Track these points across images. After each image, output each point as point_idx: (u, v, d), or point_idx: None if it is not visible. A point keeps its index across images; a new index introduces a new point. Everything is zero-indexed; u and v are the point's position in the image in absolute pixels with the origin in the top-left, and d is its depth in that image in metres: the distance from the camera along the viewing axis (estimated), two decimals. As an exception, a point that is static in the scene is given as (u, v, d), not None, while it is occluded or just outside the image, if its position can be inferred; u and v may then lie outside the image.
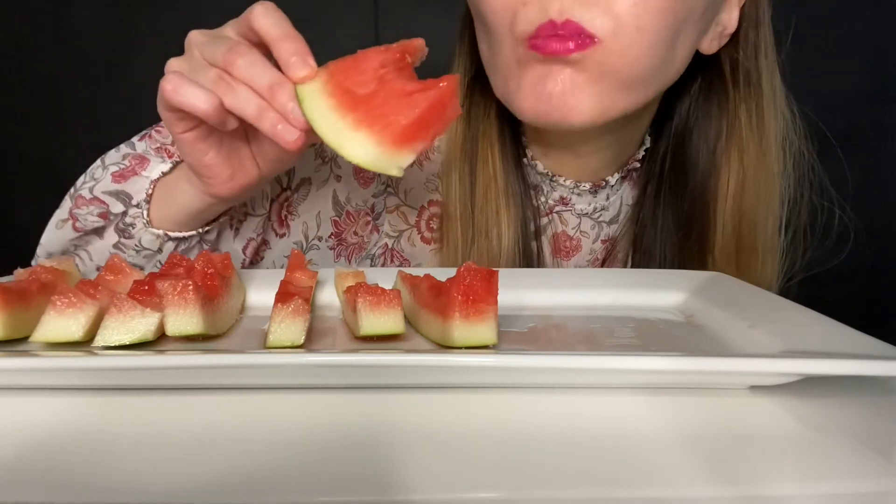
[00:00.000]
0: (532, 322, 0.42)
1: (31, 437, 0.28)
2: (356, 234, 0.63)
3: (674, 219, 0.62)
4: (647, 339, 0.40)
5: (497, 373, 0.32)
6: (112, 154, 0.54)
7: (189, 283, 0.35)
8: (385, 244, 0.64)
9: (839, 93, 1.32)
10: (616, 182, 0.64)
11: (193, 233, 0.52)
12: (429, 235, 0.65)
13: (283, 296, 0.37)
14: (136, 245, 0.51)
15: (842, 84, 1.33)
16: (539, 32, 0.49)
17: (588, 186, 0.63)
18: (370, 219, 0.63)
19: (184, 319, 0.35)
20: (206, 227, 0.53)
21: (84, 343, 0.35)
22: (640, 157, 0.64)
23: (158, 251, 0.52)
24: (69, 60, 1.31)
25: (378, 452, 0.27)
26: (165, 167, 0.52)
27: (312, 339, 0.38)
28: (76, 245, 0.53)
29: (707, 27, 0.55)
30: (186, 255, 0.51)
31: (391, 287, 0.41)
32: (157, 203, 0.51)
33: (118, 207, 0.51)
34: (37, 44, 1.31)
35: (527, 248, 0.61)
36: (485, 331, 0.35)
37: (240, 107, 0.42)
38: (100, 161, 0.54)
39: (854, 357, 0.31)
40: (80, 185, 0.53)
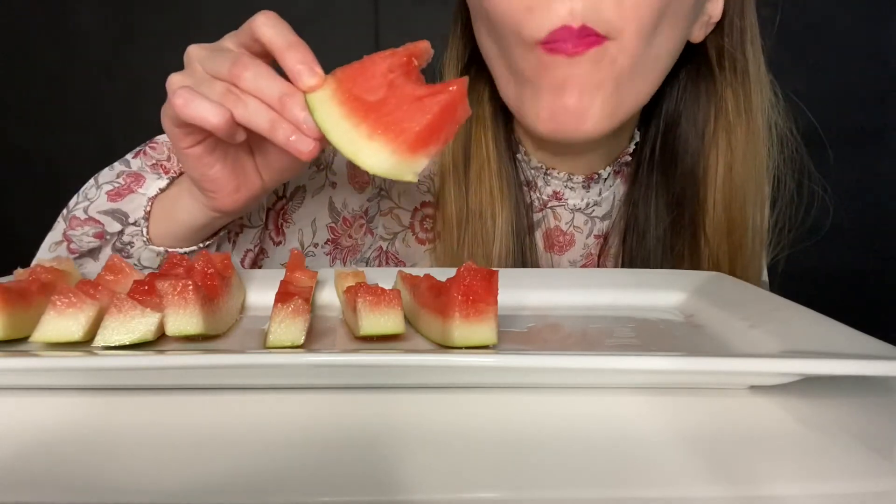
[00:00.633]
0: (532, 322, 0.42)
1: (31, 437, 0.28)
2: (350, 238, 0.63)
3: (665, 201, 0.63)
4: (647, 339, 0.40)
5: (497, 373, 0.32)
6: (106, 172, 0.53)
7: (189, 283, 0.35)
8: (380, 247, 0.65)
9: (839, 92, 1.32)
10: (608, 175, 0.65)
11: (194, 248, 0.52)
12: (423, 236, 0.65)
13: (283, 296, 0.37)
14: (136, 264, 0.51)
15: (841, 84, 1.33)
16: (553, 37, 0.49)
17: (581, 180, 0.64)
18: (364, 222, 0.64)
19: (184, 319, 0.35)
20: (207, 242, 0.53)
21: (84, 343, 0.35)
22: (631, 151, 0.65)
23: (159, 268, 0.51)
24: (69, 60, 1.31)
25: (378, 452, 0.27)
26: (162, 183, 0.51)
27: (312, 339, 0.38)
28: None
29: (697, 17, 0.56)
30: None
31: (391, 287, 0.41)
32: (156, 220, 0.51)
33: (114, 227, 0.51)
34: (37, 44, 1.31)
35: (521, 232, 0.62)
36: (485, 331, 0.35)
37: (251, 119, 0.41)
38: (93, 180, 0.53)
39: (854, 357, 0.31)
40: (74, 206, 0.52)
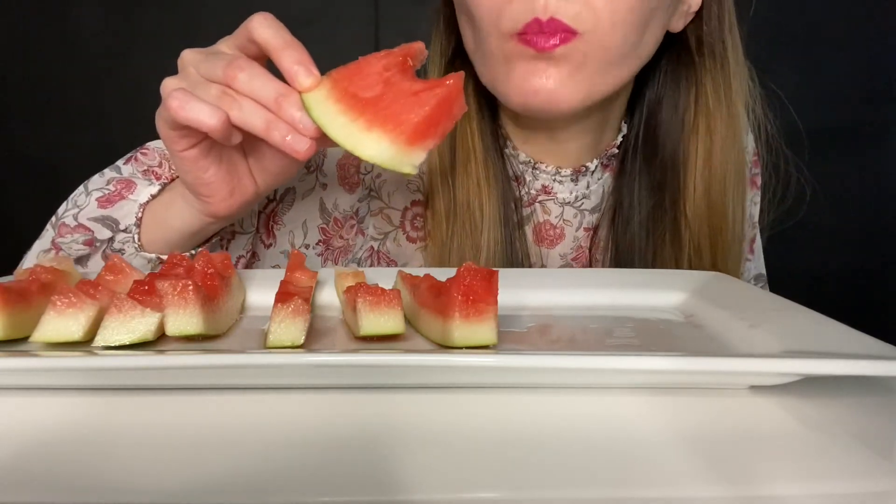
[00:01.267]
0: (532, 322, 0.42)
1: (31, 437, 0.28)
2: (342, 238, 0.63)
3: (648, 186, 0.64)
4: (647, 339, 0.40)
5: (497, 373, 0.32)
6: (96, 179, 0.53)
7: (189, 283, 0.35)
8: (371, 247, 0.65)
9: (839, 93, 1.32)
10: (596, 168, 0.65)
11: (186, 254, 0.51)
12: (414, 235, 0.65)
13: (283, 296, 0.37)
14: None
15: (842, 84, 1.33)
16: (525, 30, 0.51)
17: (569, 172, 0.64)
18: (355, 222, 0.64)
19: (184, 319, 0.35)
20: (199, 248, 0.52)
21: (84, 343, 0.35)
22: (618, 143, 0.66)
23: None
24: (70, 60, 1.31)
25: (378, 452, 0.27)
26: (154, 190, 0.51)
27: (312, 339, 0.38)
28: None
29: (675, 8, 0.57)
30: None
31: (391, 287, 0.41)
32: (148, 226, 0.51)
33: (104, 234, 0.51)
34: (37, 44, 1.31)
35: (509, 222, 0.62)
36: (485, 331, 0.35)
37: (247, 120, 0.41)
38: (82, 187, 0.53)
39: (854, 357, 0.31)
40: (63, 213, 0.52)
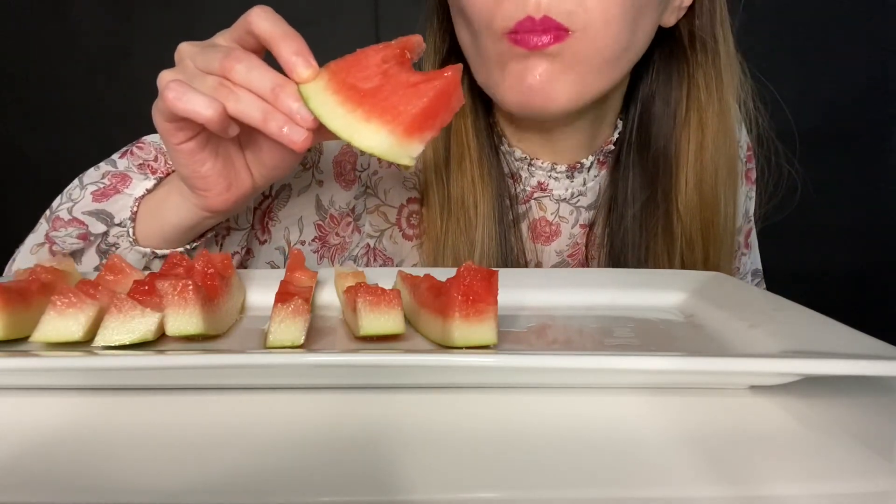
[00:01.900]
0: (532, 322, 0.42)
1: (31, 437, 0.28)
2: (338, 236, 0.63)
3: (641, 181, 0.64)
4: (647, 339, 0.40)
5: (497, 373, 0.32)
6: (91, 173, 0.53)
7: (189, 283, 0.35)
8: (367, 244, 0.65)
9: (839, 93, 1.32)
10: (592, 165, 0.66)
11: (181, 249, 0.51)
12: (409, 232, 0.65)
13: (283, 296, 0.37)
14: None
15: (842, 84, 1.33)
16: (518, 28, 0.51)
17: (564, 169, 0.65)
18: (351, 220, 0.64)
19: (184, 319, 0.35)
20: (194, 244, 0.52)
21: (84, 343, 0.35)
22: (614, 140, 0.66)
23: (145, 269, 0.51)
24: (69, 60, 1.31)
25: (378, 452, 0.27)
26: (149, 184, 0.51)
27: (312, 339, 0.38)
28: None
29: (667, 3, 0.58)
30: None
31: (391, 287, 0.41)
32: (143, 221, 0.50)
33: (99, 228, 0.50)
34: (37, 44, 1.31)
35: (504, 219, 0.63)
36: (485, 331, 0.35)
37: (244, 112, 0.41)
38: (77, 181, 0.53)
39: (854, 357, 0.31)
40: (57, 207, 0.52)
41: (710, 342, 0.39)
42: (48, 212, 0.52)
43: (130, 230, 0.50)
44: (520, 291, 0.46)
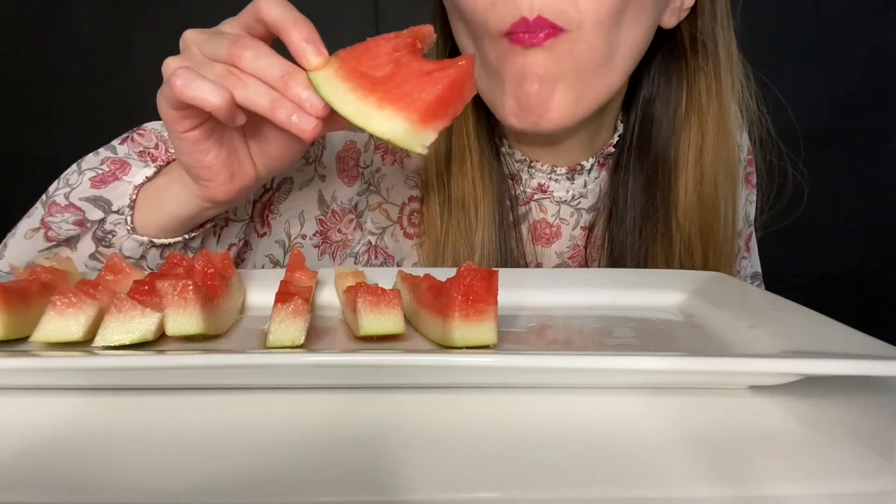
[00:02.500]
0: (532, 322, 0.42)
1: (31, 437, 0.28)
2: (340, 232, 0.63)
3: (641, 185, 0.64)
4: (647, 339, 0.40)
5: (497, 373, 0.32)
6: (90, 158, 0.52)
7: (189, 283, 0.35)
8: (368, 241, 0.65)
9: (839, 93, 1.32)
10: (592, 167, 0.65)
11: (179, 239, 0.51)
12: (411, 231, 0.65)
13: (283, 296, 0.37)
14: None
15: (842, 84, 1.33)
16: (513, 29, 0.51)
17: (564, 171, 0.64)
18: (353, 216, 0.64)
19: (184, 319, 0.35)
20: (192, 234, 0.52)
21: (84, 343, 0.35)
22: (614, 143, 0.66)
23: (141, 258, 0.50)
24: (69, 60, 1.31)
25: (378, 452, 0.27)
26: (149, 172, 0.50)
27: (312, 339, 0.38)
28: (45, 257, 0.50)
29: (666, 4, 0.57)
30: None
31: (391, 287, 0.41)
32: (142, 209, 0.50)
33: (96, 214, 0.50)
34: (37, 44, 1.31)
35: (504, 222, 0.62)
36: (485, 331, 0.35)
37: (252, 100, 0.41)
38: (75, 166, 0.52)
39: (854, 357, 0.31)
40: (54, 192, 0.51)
41: (710, 342, 0.39)
42: (44, 196, 0.51)
43: (129, 218, 0.49)
44: (520, 291, 0.46)
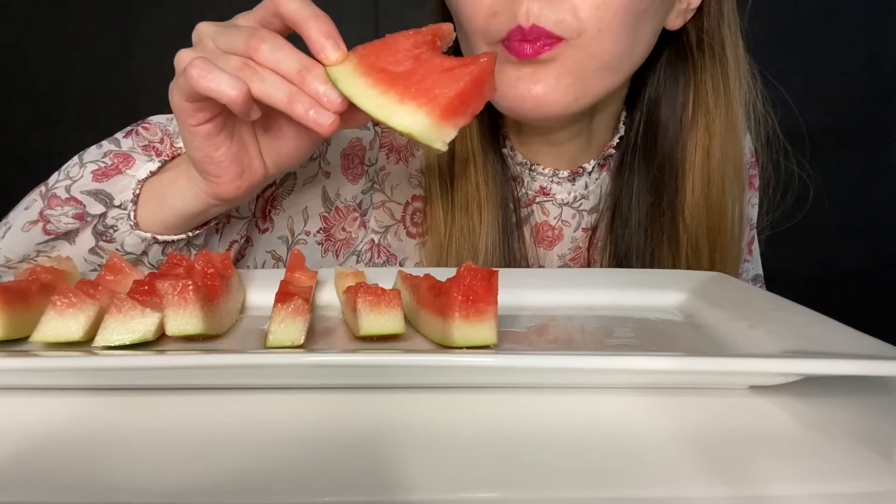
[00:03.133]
0: (532, 322, 0.42)
1: (31, 437, 0.28)
2: (344, 231, 0.63)
3: (646, 185, 0.64)
4: (647, 339, 0.40)
5: (497, 373, 0.32)
6: (93, 151, 0.51)
7: (189, 283, 0.35)
8: (371, 240, 0.64)
9: (839, 93, 1.32)
10: (593, 168, 0.65)
11: (182, 236, 0.50)
12: (413, 230, 0.65)
13: (283, 296, 0.37)
14: (118, 249, 0.49)
15: (842, 84, 1.33)
16: (510, 37, 0.51)
17: (566, 174, 0.64)
18: (358, 215, 0.63)
19: (184, 319, 0.35)
20: (196, 231, 0.51)
21: (84, 343, 0.35)
22: (616, 144, 0.65)
23: (143, 254, 0.50)
24: (69, 60, 1.31)
25: (378, 452, 0.27)
26: (153, 167, 0.49)
27: (312, 339, 0.38)
28: (40, 251, 0.50)
29: (671, 6, 0.57)
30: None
31: (391, 287, 0.41)
32: (145, 204, 0.49)
33: (97, 208, 0.49)
34: (37, 44, 1.31)
35: (507, 226, 0.62)
36: (485, 331, 0.35)
37: (269, 93, 0.40)
38: (77, 158, 0.51)
39: (854, 357, 0.31)
40: (54, 184, 0.50)
41: (710, 342, 0.39)
42: (43, 188, 0.50)
43: (132, 213, 0.48)
44: (520, 291, 0.46)
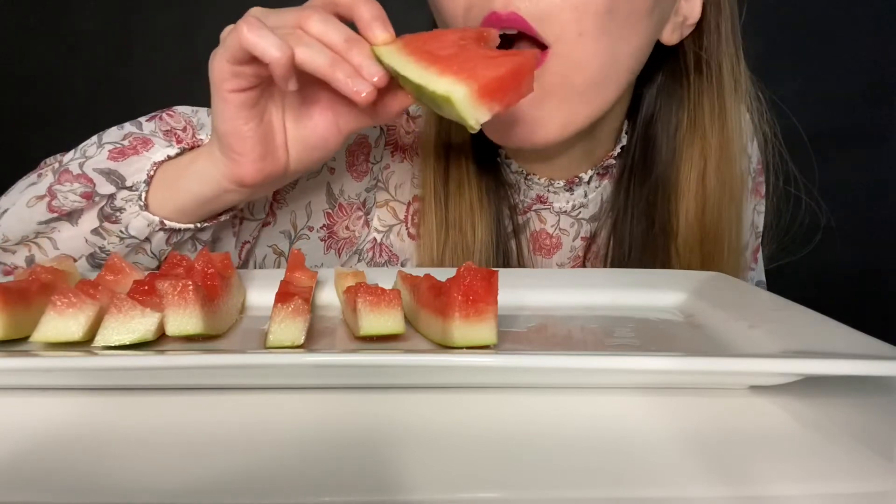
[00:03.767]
0: (532, 322, 0.42)
1: (31, 437, 0.28)
2: (348, 229, 0.63)
3: (641, 208, 0.63)
4: (647, 339, 0.40)
5: (497, 373, 0.32)
6: (113, 131, 0.51)
7: (189, 283, 0.35)
8: (373, 239, 0.64)
9: (839, 93, 1.32)
10: (591, 178, 0.64)
11: (190, 226, 0.49)
12: (413, 231, 0.65)
13: (283, 296, 0.37)
14: (122, 231, 0.48)
15: (842, 84, 1.33)
16: (485, 24, 0.49)
17: (562, 184, 0.63)
18: (362, 213, 0.63)
19: (184, 319, 0.35)
20: (204, 224, 0.50)
21: (84, 343, 0.35)
22: (616, 154, 0.64)
23: (146, 241, 0.49)
24: (69, 61, 1.31)
25: (378, 452, 0.27)
26: (171, 151, 0.49)
27: (312, 339, 0.38)
28: (39, 232, 0.49)
29: (665, 18, 0.55)
30: (178, 250, 0.50)
31: (391, 287, 0.41)
32: (159, 187, 0.48)
33: (107, 189, 0.48)
34: (37, 44, 1.31)
35: (501, 245, 0.61)
36: (485, 331, 0.35)
37: (312, 59, 0.41)
38: (96, 138, 0.51)
39: (854, 357, 0.31)
40: (68, 161, 0.49)
41: (710, 342, 0.39)
42: (56, 164, 0.50)
43: (143, 194, 0.48)
44: (520, 291, 0.46)
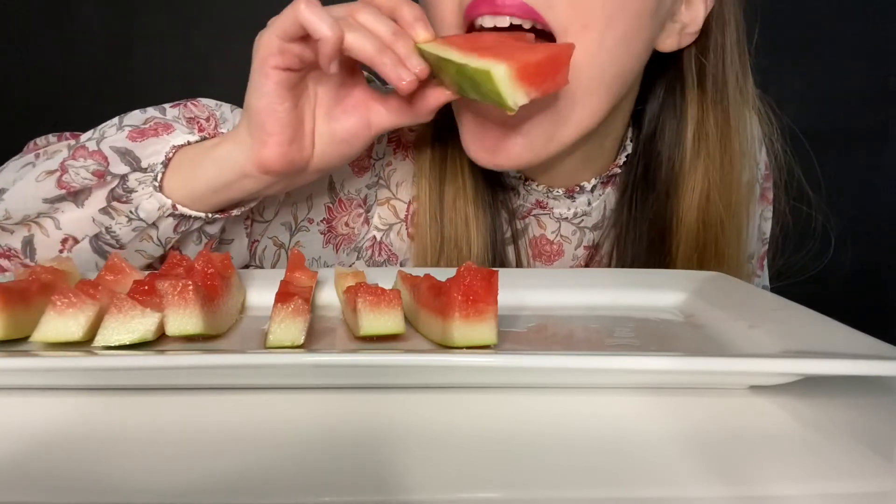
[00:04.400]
0: (532, 322, 0.42)
1: (31, 437, 0.28)
2: (347, 226, 0.62)
3: (645, 224, 0.61)
4: (647, 339, 0.40)
5: (497, 373, 0.32)
6: (135, 114, 0.51)
7: (189, 283, 0.35)
8: (373, 237, 0.63)
9: (839, 93, 1.32)
10: (595, 187, 0.62)
11: (200, 214, 0.49)
12: (412, 231, 0.64)
13: (283, 296, 0.37)
14: (131, 213, 0.48)
15: (842, 84, 1.33)
16: (475, 4, 0.47)
17: (562, 192, 0.61)
18: (362, 210, 0.63)
19: (184, 319, 0.35)
20: (213, 216, 0.50)
21: (84, 343, 0.35)
22: (622, 163, 0.62)
23: (153, 226, 0.48)
24: (69, 60, 1.31)
25: (378, 452, 0.27)
26: (192, 138, 0.49)
27: (312, 339, 0.38)
28: (41, 212, 0.48)
29: (661, 25, 0.53)
30: (183, 242, 0.51)
31: (391, 287, 0.41)
32: (175, 169, 0.48)
33: (120, 168, 0.47)
34: (37, 44, 1.31)
35: (497, 257, 0.61)
36: (485, 331, 0.35)
37: (360, 44, 0.43)
38: (117, 119, 0.51)
39: (854, 357, 0.31)
40: (86, 139, 0.49)
41: (710, 342, 0.39)
42: (73, 140, 0.49)
43: (159, 175, 0.47)
44: (520, 291, 0.46)
